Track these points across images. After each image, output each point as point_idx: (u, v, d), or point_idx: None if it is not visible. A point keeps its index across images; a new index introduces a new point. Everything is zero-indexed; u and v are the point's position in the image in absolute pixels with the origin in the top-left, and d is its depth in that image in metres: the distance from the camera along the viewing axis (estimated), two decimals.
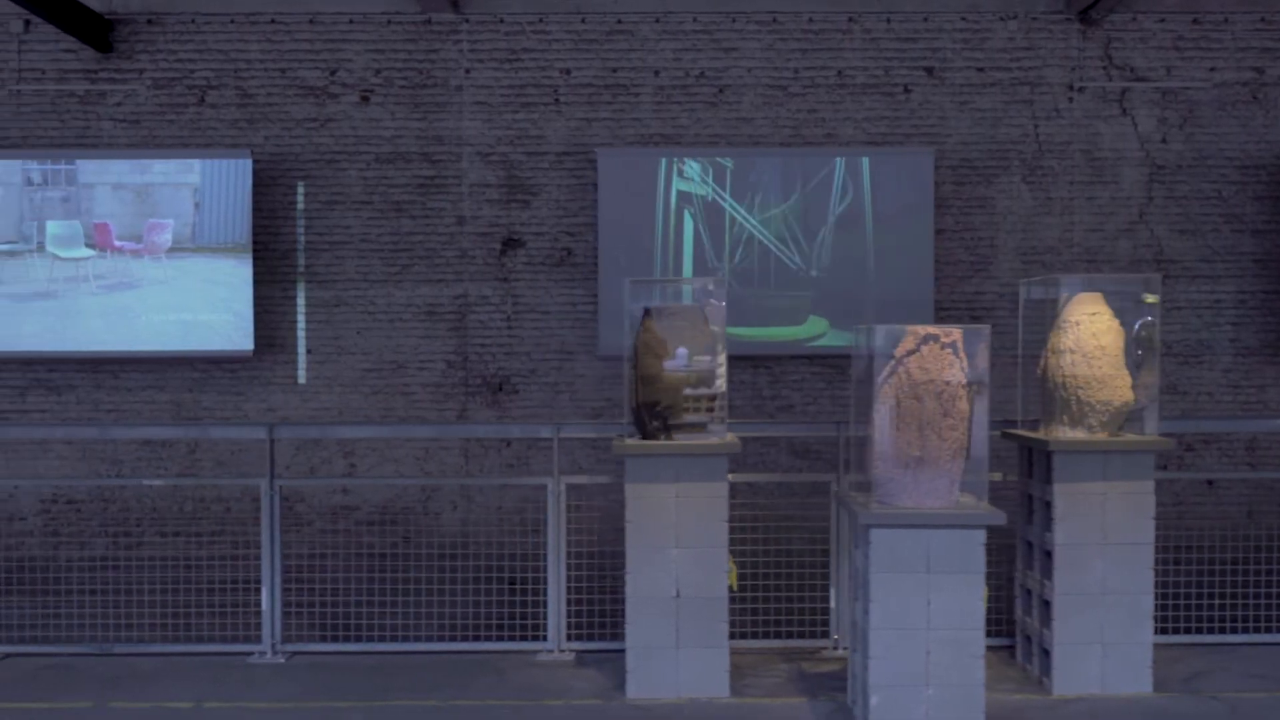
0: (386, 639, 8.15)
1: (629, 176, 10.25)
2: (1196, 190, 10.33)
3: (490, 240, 10.43)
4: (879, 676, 5.76)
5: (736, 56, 10.40)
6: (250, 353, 10.08)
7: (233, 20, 10.32)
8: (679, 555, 6.36)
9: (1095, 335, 6.32)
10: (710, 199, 10.25)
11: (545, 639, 7.36)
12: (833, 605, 7.27)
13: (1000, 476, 6.93)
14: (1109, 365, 6.32)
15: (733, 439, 6.43)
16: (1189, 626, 7.63)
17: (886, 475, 5.85)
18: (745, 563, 7.54)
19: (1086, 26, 10.28)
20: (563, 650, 7.21)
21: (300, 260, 10.39)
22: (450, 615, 8.33)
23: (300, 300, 10.39)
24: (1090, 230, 10.35)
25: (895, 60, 10.40)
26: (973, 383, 5.80)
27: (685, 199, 10.25)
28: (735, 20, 10.38)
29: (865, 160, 10.22)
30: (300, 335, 10.40)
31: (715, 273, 10.12)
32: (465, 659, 7.17)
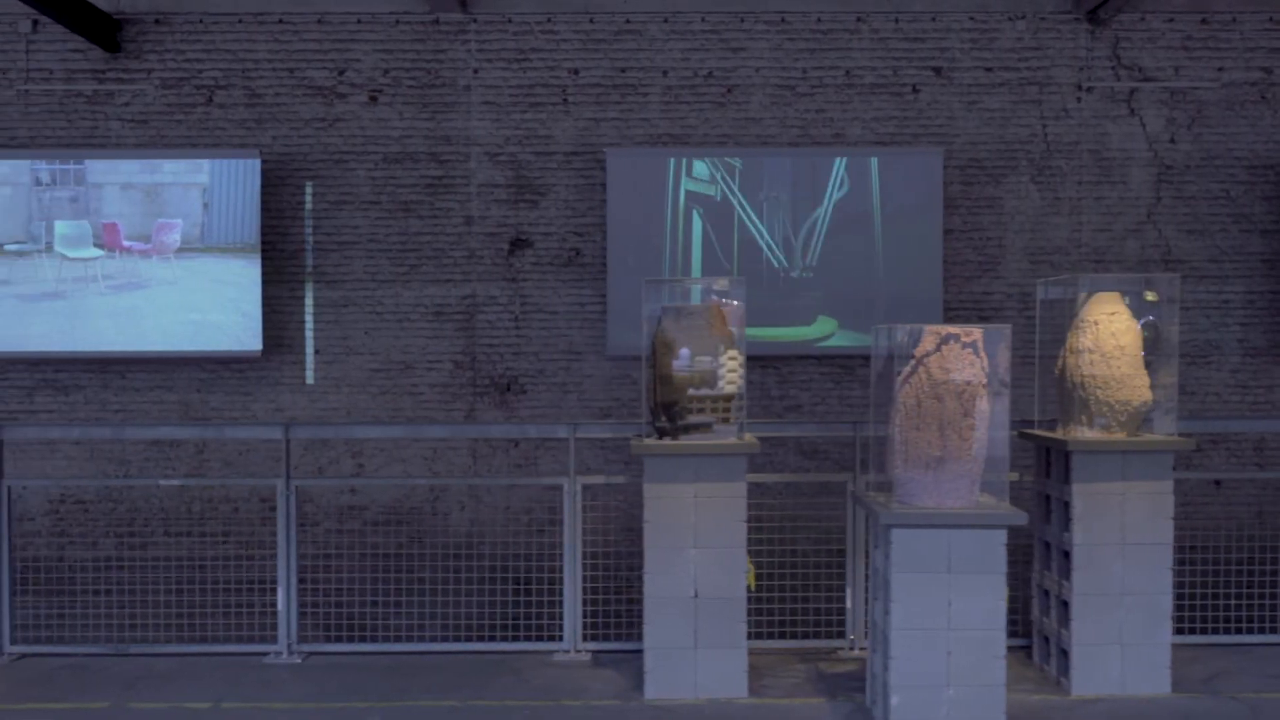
0: (395, 639, 8.13)
1: (637, 176, 10.23)
2: (1205, 190, 10.33)
3: (498, 240, 10.42)
4: (900, 677, 5.75)
5: (745, 56, 10.40)
6: (259, 353, 10.06)
7: (241, 20, 10.30)
8: (697, 555, 6.35)
9: (1114, 335, 6.32)
10: (719, 199, 10.24)
11: (560, 639, 7.34)
12: (849, 605, 7.26)
13: (1017, 477, 6.92)
14: (1128, 365, 6.32)
15: (751, 439, 6.42)
16: (1199, 627, 7.63)
17: (907, 475, 5.85)
18: (758, 563, 7.52)
19: (1095, 26, 10.28)
20: (579, 650, 7.19)
21: (308, 260, 10.38)
22: (459, 615, 8.32)
23: (308, 300, 10.37)
24: (1098, 230, 10.36)
25: (903, 60, 10.40)
26: (993, 382, 5.81)
27: (694, 199, 10.24)
28: (743, 20, 10.37)
29: (874, 160, 10.21)
30: (308, 335, 10.38)
31: (725, 273, 10.11)
32: (481, 659, 7.15)
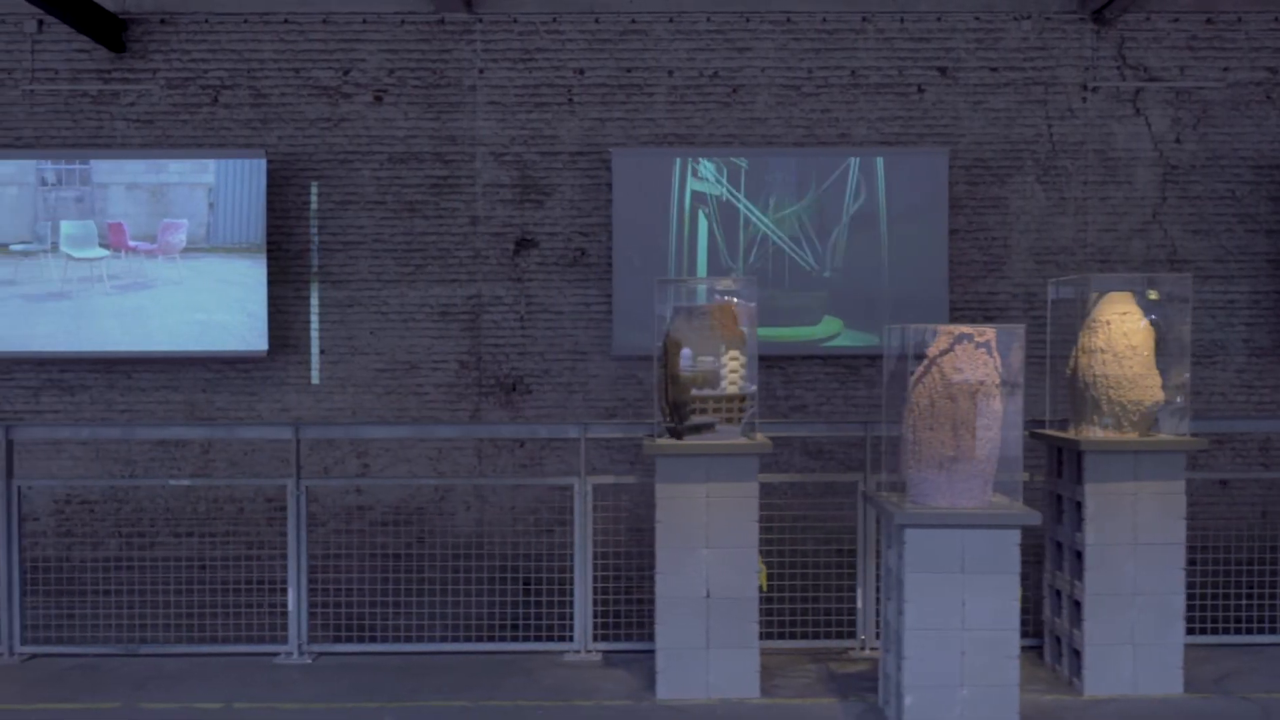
0: (401, 639, 8.11)
1: (643, 176, 10.22)
2: (1210, 190, 10.34)
3: (504, 240, 10.41)
4: (913, 677, 5.75)
5: (750, 56, 10.40)
6: (265, 353, 10.04)
7: (246, 20, 10.29)
8: (709, 555, 6.35)
9: (1126, 335, 6.33)
10: (725, 199, 10.23)
11: (568, 639, 7.35)
12: (859, 605, 7.26)
13: (1028, 477, 6.92)
14: (1140, 365, 6.33)
15: (764, 439, 6.42)
16: (1207, 627, 7.63)
17: (920, 475, 5.85)
18: (766, 563, 7.50)
19: (1100, 26, 10.29)
20: (589, 651, 7.19)
21: (314, 260, 10.36)
22: (465, 616, 8.32)
23: (314, 300, 10.36)
24: (1104, 230, 10.36)
25: (909, 60, 10.40)
26: (1006, 382, 5.81)
27: (700, 199, 10.23)
28: (749, 20, 10.37)
29: (880, 160, 10.21)
30: (313, 335, 10.37)
31: (730, 272, 10.11)
32: (492, 659, 7.15)
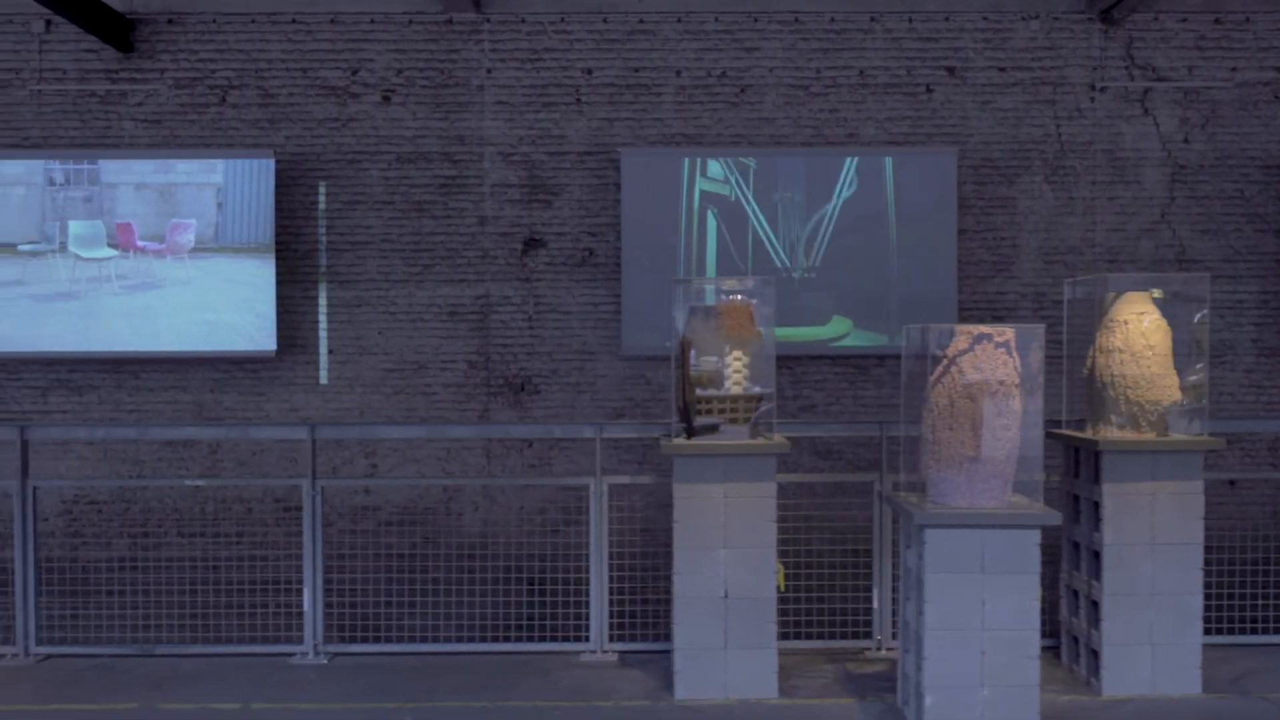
0: (411, 639, 8.10)
1: (651, 176, 10.22)
2: (1219, 190, 10.35)
3: (512, 240, 10.40)
4: (934, 678, 5.74)
5: (758, 56, 10.39)
6: (273, 353, 10.03)
7: (254, 20, 10.27)
8: (727, 556, 6.34)
9: (1144, 334, 6.33)
10: (733, 199, 10.23)
11: (580, 639, 7.34)
12: (875, 606, 7.26)
13: (1044, 477, 6.90)
14: (1158, 365, 6.33)
15: (781, 439, 6.42)
16: (1222, 627, 7.63)
17: (939, 475, 5.84)
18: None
19: (1108, 26, 10.29)
20: (605, 651, 7.18)
21: (322, 260, 10.35)
22: (474, 616, 8.31)
23: (322, 300, 10.35)
24: (1112, 230, 10.37)
25: (917, 60, 10.40)
26: (1027, 381, 5.81)
27: (708, 199, 10.22)
28: (757, 20, 10.36)
29: (888, 160, 10.20)
30: (322, 335, 10.36)
31: (740, 273, 10.10)
32: (507, 659, 7.14)
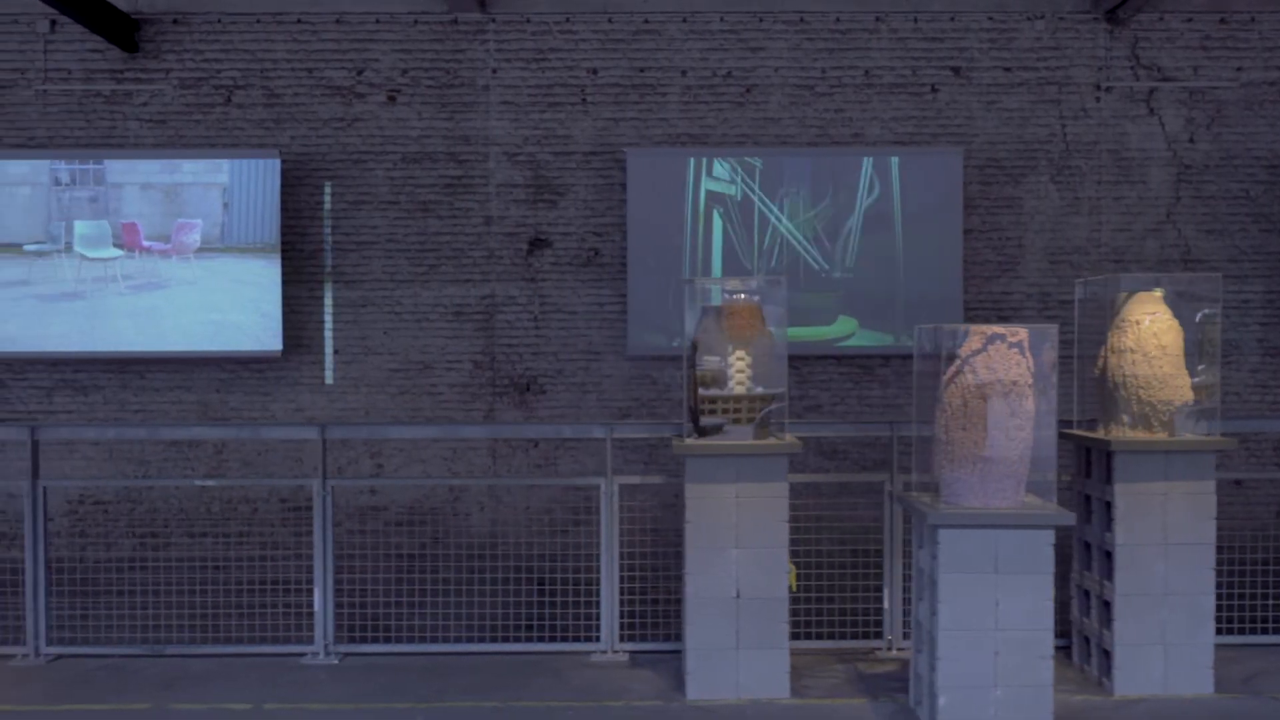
0: (418, 639, 8.07)
1: (657, 176, 10.22)
2: (1224, 190, 10.35)
3: (517, 240, 10.39)
4: (947, 678, 5.74)
5: (764, 56, 10.39)
6: (279, 353, 10.02)
7: (259, 20, 10.26)
8: (739, 556, 6.34)
9: (1156, 335, 6.33)
10: (739, 199, 10.23)
11: (589, 639, 7.34)
12: (886, 606, 7.25)
13: (1057, 477, 6.91)
14: (1170, 365, 6.33)
15: (793, 439, 6.41)
16: (1234, 627, 7.61)
17: (953, 475, 5.84)
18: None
19: (1113, 26, 10.30)
20: (616, 651, 7.17)
21: (327, 260, 10.35)
22: (481, 616, 8.28)
23: (327, 300, 10.34)
24: (1118, 230, 10.37)
25: (922, 60, 10.40)
26: (1039, 381, 5.80)
27: (714, 199, 10.22)
28: (762, 20, 10.37)
29: (894, 160, 10.21)
30: (327, 335, 10.35)
31: (745, 273, 10.10)
32: (517, 659, 7.13)
